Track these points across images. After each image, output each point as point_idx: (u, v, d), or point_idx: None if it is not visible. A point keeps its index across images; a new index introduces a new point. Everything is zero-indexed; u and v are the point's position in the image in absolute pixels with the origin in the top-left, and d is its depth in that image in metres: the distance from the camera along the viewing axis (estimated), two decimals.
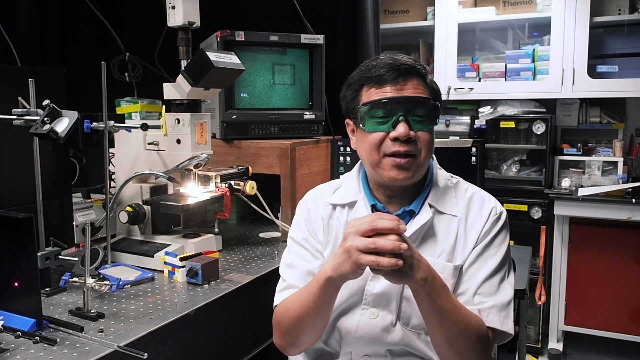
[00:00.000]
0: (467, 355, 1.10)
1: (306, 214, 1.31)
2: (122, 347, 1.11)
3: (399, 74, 1.15)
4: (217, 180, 1.78)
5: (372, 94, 1.17)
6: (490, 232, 1.19)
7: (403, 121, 1.13)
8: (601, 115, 3.21)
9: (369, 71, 1.18)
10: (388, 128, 1.14)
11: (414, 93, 1.15)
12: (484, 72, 3.23)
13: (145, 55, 2.40)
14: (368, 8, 2.44)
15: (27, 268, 1.20)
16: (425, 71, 1.19)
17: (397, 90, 1.15)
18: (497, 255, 1.18)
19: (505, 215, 1.23)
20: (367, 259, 0.98)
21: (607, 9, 3.03)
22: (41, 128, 1.33)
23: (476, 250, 1.18)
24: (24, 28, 2.35)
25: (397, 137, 1.13)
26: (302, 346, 1.22)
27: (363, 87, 1.19)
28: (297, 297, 1.17)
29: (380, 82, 1.15)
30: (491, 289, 1.15)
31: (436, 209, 1.21)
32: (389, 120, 1.14)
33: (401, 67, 1.15)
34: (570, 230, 3.01)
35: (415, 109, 1.15)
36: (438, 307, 1.05)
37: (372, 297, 1.19)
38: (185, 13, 1.65)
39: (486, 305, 1.13)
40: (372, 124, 1.16)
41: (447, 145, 2.08)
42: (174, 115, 1.69)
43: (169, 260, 1.57)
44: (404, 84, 1.15)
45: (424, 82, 1.18)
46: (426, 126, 1.16)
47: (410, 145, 1.14)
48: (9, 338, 1.17)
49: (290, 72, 2.21)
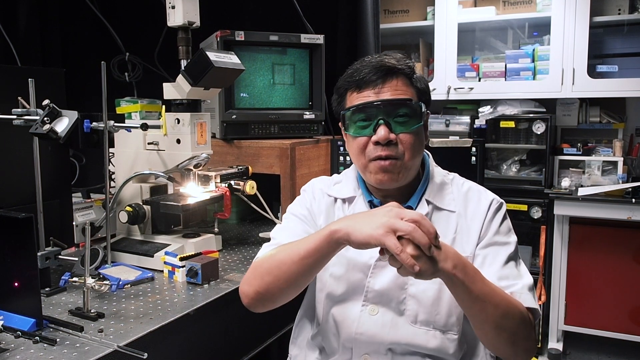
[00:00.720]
0: (516, 334, 1.07)
1: (311, 196, 1.32)
2: (122, 347, 1.11)
3: (378, 77, 1.15)
4: (217, 180, 1.78)
5: (354, 98, 1.18)
6: (495, 221, 1.19)
7: (383, 124, 1.14)
8: (601, 115, 3.21)
9: (351, 75, 1.19)
10: (370, 132, 1.15)
11: (393, 95, 1.15)
12: (483, 71, 3.23)
13: (145, 55, 2.40)
14: (368, 8, 2.44)
15: (27, 268, 1.20)
16: (409, 70, 1.18)
17: (376, 93, 1.15)
18: (510, 244, 1.18)
19: (505, 205, 1.24)
20: (393, 242, 0.92)
21: (607, 9, 3.03)
22: (41, 128, 1.33)
23: (486, 240, 1.17)
24: (23, 28, 2.35)
25: (377, 141, 1.14)
26: (267, 300, 1.15)
27: (347, 91, 1.20)
28: (287, 246, 1.12)
29: (360, 86, 1.16)
30: (513, 273, 1.14)
31: (434, 204, 1.22)
32: (371, 124, 1.15)
33: (382, 69, 1.15)
34: (570, 230, 3.01)
35: (395, 110, 1.15)
36: (476, 293, 1.02)
37: (373, 293, 1.19)
38: (185, 13, 1.65)
39: (516, 287, 1.12)
40: (355, 129, 1.18)
41: (447, 145, 2.08)
42: (173, 115, 1.69)
43: (168, 260, 1.57)
44: (382, 87, 1.15)
45: (408, 82, 1.18)
46: (409, 127, 1.16)
47: (391, 149, 1.14)
48: (9, 338, 1.16)
49: (290, 72, 2.21)
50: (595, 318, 3.00)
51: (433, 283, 1.16)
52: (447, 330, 1.17)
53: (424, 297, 1.17)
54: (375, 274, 1.18)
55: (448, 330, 1.17)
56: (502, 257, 1.16)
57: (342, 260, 1.22)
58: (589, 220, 2.94)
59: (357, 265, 1.20)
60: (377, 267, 1.18)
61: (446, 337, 1.17)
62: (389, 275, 1.18)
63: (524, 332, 1.08)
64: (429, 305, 1.16)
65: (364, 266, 1.19)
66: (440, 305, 1.16)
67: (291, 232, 1.25)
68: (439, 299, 1.16)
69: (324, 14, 2.50)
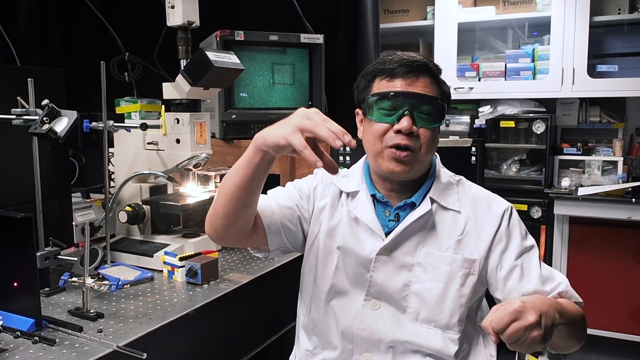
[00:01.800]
0: (583, 332, 1.18)
1: (319, 179, 1.32)
2: (122, 347, 1.11)
3: (410, 70, 1.17)
4: (216, 180, 1.78)
5: (383, 86, 1.19)
6: (516, 229, 1.23)
7: (408, 115, 1.15)
8: (601, 115, 3.21)
9: (383, 64, 1.20)
10: (393, 120, 1.16)
11: (422, 90, 1.17)
12: (483, 71, 3.23)
13: (145, 54, 2.40)
14: (368, 7, 2.44)
15: (26, 268, 1.20)
16: (437, 71, 1.21)
17: (406, 85, 1.17)
18: (534, 246, 1.24)
19: (513, 207, 1.27)
20: (299, 140, 0.98)
21: (607, 9, 3.03)
22: (40, 128, 1.32)
23: (516, 249, 1.20)
24: (23, 28, 2.35)
25: (399, 130, 1.15)
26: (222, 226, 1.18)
27: (375, 78, 1.21)
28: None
29: (392, 75, 1.18)
30: (550, 273, 1.20)
31: (438, 203, 1.22)
32: (395, 113, 1.16)
33: (414, 64, 1.17)
34: (570, 230, 3.01)
35: (421, 105, 1.17)
36: (570, 320, 1.09)
37: (375, 288, 1.19)
38: (184, 13, 1.65)
39: (562, 287, 1.18)
40: (378, 115, 1.18)
41: (447, 145, 2.08)
42: (173, 115, 1.69)
43: (168, 260, 1.57)
44: (415, 80, 1.17)
45: (435, 82, 1.20)
46: (430, 124, 1.17)
47: (411, 140, 1.16)
48: (8, 338, 1.16)
49: (289, 71, 2.21)
50: (596, 318, 3.00)
51: (438, 282, 1.17)
52: (448, 330, 1.17)
53: (428, 295, 1.17)
54: (377, 268, 1.19)
55: (449, 329, 1.17)
56: (535, 261, 1.20)
57: (344, 252, 1.22)
58: (589, 220, 2.94)
59: (359, 259, 1.21)
60: (379, 261, 1.19)
61: (447, 337, 1.17)
62: (391, 271, 1.18)
63: (585, 327, 1.18)
64: (432, 304, 1.17)
65: (365, 260, 1.20)
66: (444, 304, 1.16)
67: (277, 192, 1.30)
68: (444, 298, 1.17)
69: (324, 14, 2.50)
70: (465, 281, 1.17)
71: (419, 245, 1.19)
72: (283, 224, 1.25)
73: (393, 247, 1.19)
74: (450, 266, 1.17)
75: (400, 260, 1.19)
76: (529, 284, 1.17)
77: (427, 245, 1.19)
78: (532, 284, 1.17)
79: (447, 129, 3.24)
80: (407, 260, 1.18)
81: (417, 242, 1.19)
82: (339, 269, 1.23)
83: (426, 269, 1.18)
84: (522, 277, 1.17)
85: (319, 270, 1.26)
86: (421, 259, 1.18)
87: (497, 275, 1.19)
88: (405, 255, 1.19)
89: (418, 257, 1.18)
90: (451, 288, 1.17)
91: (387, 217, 1.23)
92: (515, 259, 1.19)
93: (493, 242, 1.19)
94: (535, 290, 1.16)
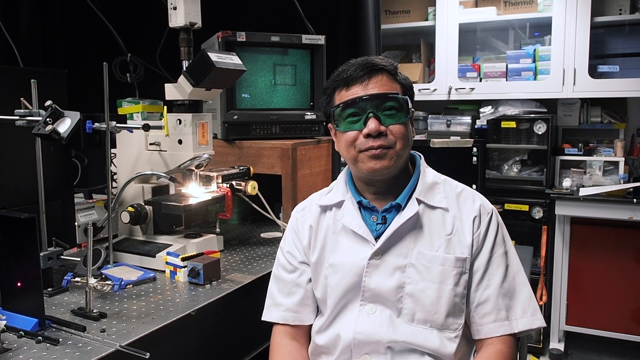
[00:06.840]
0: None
1: (294, 223, 1.36)
2: (124, 346, 1.11)
3: (364, 73, 1.20)
4: (218, 180, 1.79)
5: (343, 96, 1.22)
6: (490, 232, 1.22)
7: (373, 117, 1.18)
8: (602, 115, 3.21)
9: (338, 75, 1.24)
10: (360, 126, 1.19)
11: (380, 89, 1.19)
12: (485, 72, 3.23)
13: (147, 56, 2.40)
14: (369, 8, 2.44)
15: (29, 268, 1.21)
16: (392, 67, 1.23)
17: (364, 88, 1.20)
18: (509, 255, 1.22)
19: (495, 210, 1.26)
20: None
21: (608, 9, 3.02)
22: (43, 129, 1.33)
23: (483, 254, 1.20)
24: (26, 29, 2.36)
25: (368, 134, 1.17)
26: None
27: (335, 90, 1.25)
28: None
29: (348, 83, 1.21)
30: (513, 289, 1.20)
31: (425, 203, 1.23)
32: (361, 119, 1.19)
33: (367, 66, 1.20)
34: (572, 230, 3.01)
35: (383, 104, 1.19)
36: None
37: (369, 292, 1.20)
38: (186, 14, 1.65)
39: (514, 313, 1.19)
40: (345, 124, 1.21)
41: (448, 145, 2.08)
42: (175, 116, 1.69)
43: (170, 261, 1.58)
44: (369, 82, 1.20)
45: (393, 78, 1.22)
46: (397, 120, 1.19)
47: (382, 140, 1.18)
48: (12, 338, 1.17)
49: (291, 72, 2.21)
50: (597, 318, 3.00)
51: (431, 282, 1.17)
52: (445, 329, 1.18)
53: (423, 296, 1.17)
54: (370, 272, 1.20)
55: (446, 329, 1.18)
56: (501, 270, 1.21)
57: (335, 268, 1.24)
58: (590, 221, 2.94)
59: (352, 268, 1.22)
60: (371, 266, 1.20)
61: (444, 336, 1.18)
62: (384, 274, 1.19)
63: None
64: (427, 304, 1.17)
65: (358, 267, 1.21)
66: (439, 304, 1.17)
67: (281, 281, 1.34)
68: (438, 298, 1.17)
69: (325, 15, 2.50)
70: (459, 280, 1.18)
71: (410, 246, 1.20)
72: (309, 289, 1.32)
73: (384, 250, 1.20)
74: (443, 266, 1.17)
75: (393, 262, 1.19)
76: (486, 290, 1.19)
77: (418, 245, 1.20)
78: (488, 291, 1.18)
79: (449, 129, 3.24)
80: (400, 262, 1.19)
81: (407, 243, 1.20)
82: (334, 284, 1.24)
83: (419, 269, 1.18)
84: (481, 282, 1.19)
85: (317, 291, 1.29)
86: (413, 260, 1.19)
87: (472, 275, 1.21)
88: (397, 257, 1.20)
89: (410, 258, 1.19)
90: (445, 288, 1.17)
91: (374, 222, 1.24)
92: (484, 262, 1.20)
93: (473, 242, 1.20)
94: (487, 298, 1.18)
